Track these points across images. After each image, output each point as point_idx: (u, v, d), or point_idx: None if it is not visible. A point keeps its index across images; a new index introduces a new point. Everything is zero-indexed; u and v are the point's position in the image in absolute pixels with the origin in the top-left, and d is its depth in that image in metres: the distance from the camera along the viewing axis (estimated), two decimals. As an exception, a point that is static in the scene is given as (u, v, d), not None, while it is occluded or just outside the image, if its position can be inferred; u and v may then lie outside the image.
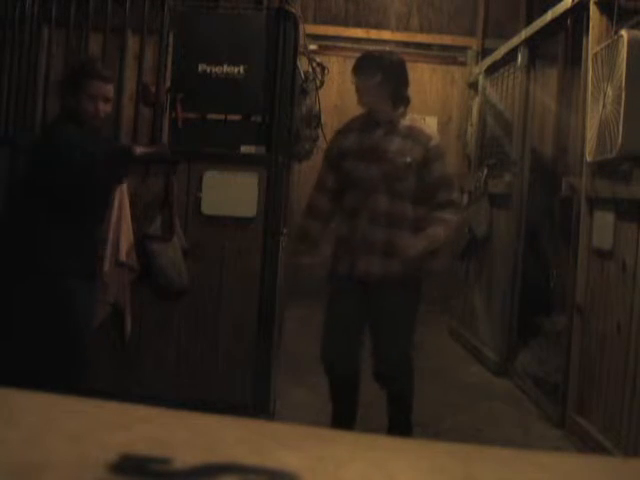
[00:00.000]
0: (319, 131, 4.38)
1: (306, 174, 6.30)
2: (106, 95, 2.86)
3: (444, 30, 7.04)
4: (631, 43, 3.01)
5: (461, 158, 6.37)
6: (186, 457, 0.46)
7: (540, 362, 4.60)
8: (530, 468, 0.53)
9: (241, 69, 3.54)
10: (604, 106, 3.22)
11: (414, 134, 3.06)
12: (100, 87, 2.83)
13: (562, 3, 3.97)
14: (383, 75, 3.03)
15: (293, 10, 3.59)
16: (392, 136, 3.06)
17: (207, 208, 3.57)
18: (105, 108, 2.87)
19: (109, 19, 3.63)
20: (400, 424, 3.16)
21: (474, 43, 6.43)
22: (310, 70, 4.24)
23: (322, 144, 4.33)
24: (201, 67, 3.54)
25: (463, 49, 6.89)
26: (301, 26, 3.83)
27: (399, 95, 3.10)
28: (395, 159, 3.02)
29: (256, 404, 3.55)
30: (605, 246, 3.36)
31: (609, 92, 3.16)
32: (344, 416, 3.19)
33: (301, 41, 3.94)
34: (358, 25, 6.98)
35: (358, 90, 3.11)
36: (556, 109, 5.71)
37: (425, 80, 7.22)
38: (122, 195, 3.42)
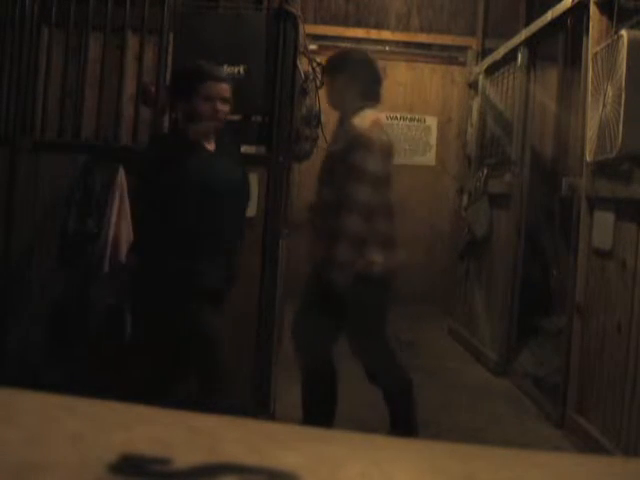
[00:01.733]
0: (319, 131, 4.37)
1: (306, 174, 6.30)
2: (222, 95, 2.79)
3: (444, 30, 7.04)
4: (631, 43, 3.01)
5: (461, 158, 6.37)
6: (186, 457, 0.46)
7: (540, 362, 4.61)
8: (530, 468, 0.53)
9: (241, 69, 3.54)
10: (604, 106, 3.21)
11: (347, 125, 3.08)
12: (215, 87, 2.78)
13: (562, 3, 3.97)
14: (348, 74, 3.08)
15: (293, 10, 3.59)
16: (336, 129, 3.17)
17: (207, 208, 3.57)
18: (223, 108, 2.80)
19: (109, 19, 3.63)
20: (401, 424, 3.14)
21: (474, 43, 6.43)
22: (310, 70, 4.24)
23: (322, 144, 4.33)
24: (201, 67, 3.54)
25: (463, 49, 6.90)
26: (301, 26, 3.83)
27: (363, 93, 3.09)
28: (327, 149, 3.19)
29: (256, 404, 3.55)
30: (605, 246, 3.36)
31: (609, 92, 3.16)
32: (321, 411, 3.17)
33: (301, 41, 3.94)
34: (358, 25, 6.99)
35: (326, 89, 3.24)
36: (556, 109, 5.71)
37: (425, 80, 7.22)
38: (122, 195, 3.41)
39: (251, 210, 3.56)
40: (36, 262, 3.63)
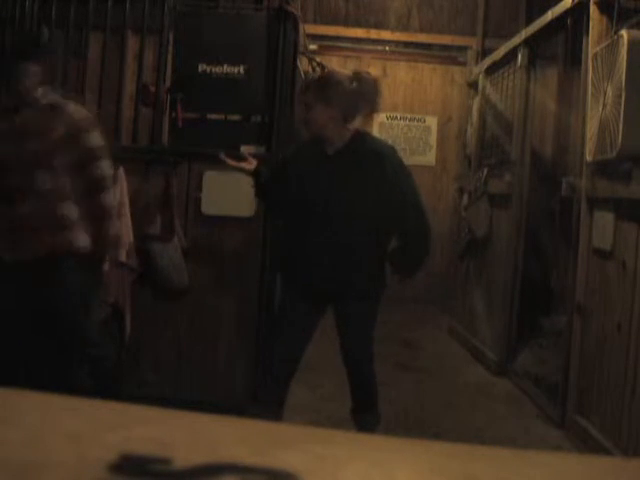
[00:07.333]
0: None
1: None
2: (305, 101, 2.88)
3: (444, 30, 7.04)
4: (631, 43, 3.01)
5: (461, 158, 6.37)
6: (186, 457, 0.46)
7: (540, 362, 4.60)
8: (530, 468, 0.53)
9: (241, 69, 3.54)
10: (604, 106, 3.21)
11: (65, 111, 2.90)
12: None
13: (562, 3, 3.97)
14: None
15: (293, 10, 3.59)
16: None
17: (207, 208, 3.57)
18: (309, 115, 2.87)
19: (109, 19, 3.63)
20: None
21: (474, 43, 6.43)
22: (310, 70, 4.24)
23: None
24: (201, 67, 3.54)
25: (463, 49, 6.90)
26: (301, 26, 3.83)
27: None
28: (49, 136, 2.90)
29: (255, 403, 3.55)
30: (605, 246, 3.36)
31: (609, 92, 3.16)
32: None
33: (301, 41, 3.95)
34: (358, 25, 6.98)
35: None
36: (556, 109, 5.71)
37: (425, 80, 7.22)
38: (122, 195, 3.41)
39: (250, 210, 3.56)
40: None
